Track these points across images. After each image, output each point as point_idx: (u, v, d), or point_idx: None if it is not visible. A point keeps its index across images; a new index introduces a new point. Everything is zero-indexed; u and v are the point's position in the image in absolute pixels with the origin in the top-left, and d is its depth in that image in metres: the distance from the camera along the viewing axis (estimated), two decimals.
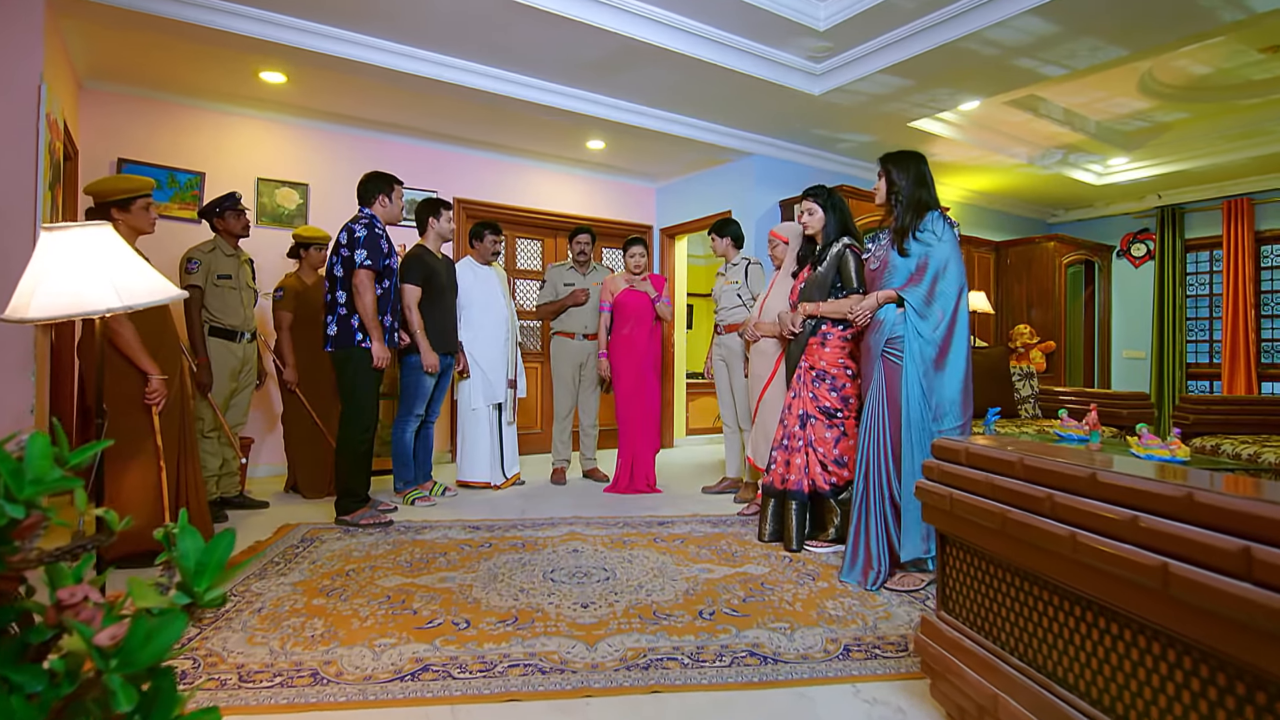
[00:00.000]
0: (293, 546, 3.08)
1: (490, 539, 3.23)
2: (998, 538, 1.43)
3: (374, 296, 3.35)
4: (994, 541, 1.44)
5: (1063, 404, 4.89)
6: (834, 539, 3.06)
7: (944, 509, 1.58)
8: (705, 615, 2.31)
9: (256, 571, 2.73)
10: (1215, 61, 4.70)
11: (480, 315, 4.37)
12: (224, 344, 3.61)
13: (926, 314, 2.49)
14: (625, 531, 3.38)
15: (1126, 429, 4.38)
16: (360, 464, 3.46)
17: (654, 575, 2.71)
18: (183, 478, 2.85)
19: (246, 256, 3.83)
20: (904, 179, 2.61)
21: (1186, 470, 1.24)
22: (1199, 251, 7.20)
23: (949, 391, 2.48)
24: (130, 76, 4.27)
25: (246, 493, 4.07)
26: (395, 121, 5.05)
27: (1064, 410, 3.53)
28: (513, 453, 4.55)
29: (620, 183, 6.54)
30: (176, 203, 4.57)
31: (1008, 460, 1.42)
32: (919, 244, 2.55)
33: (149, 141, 4.51)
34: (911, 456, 2.47)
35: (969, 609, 1.58)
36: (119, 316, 2.60)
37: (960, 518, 1.54)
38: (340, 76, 4.20)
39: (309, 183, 4.99)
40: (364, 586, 2.56)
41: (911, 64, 4.06)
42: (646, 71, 4.24)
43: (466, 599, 2.43)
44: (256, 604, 2.38)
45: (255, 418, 4.75)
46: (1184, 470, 1.24)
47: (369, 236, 3.37)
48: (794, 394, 3.19)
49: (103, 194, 2.70)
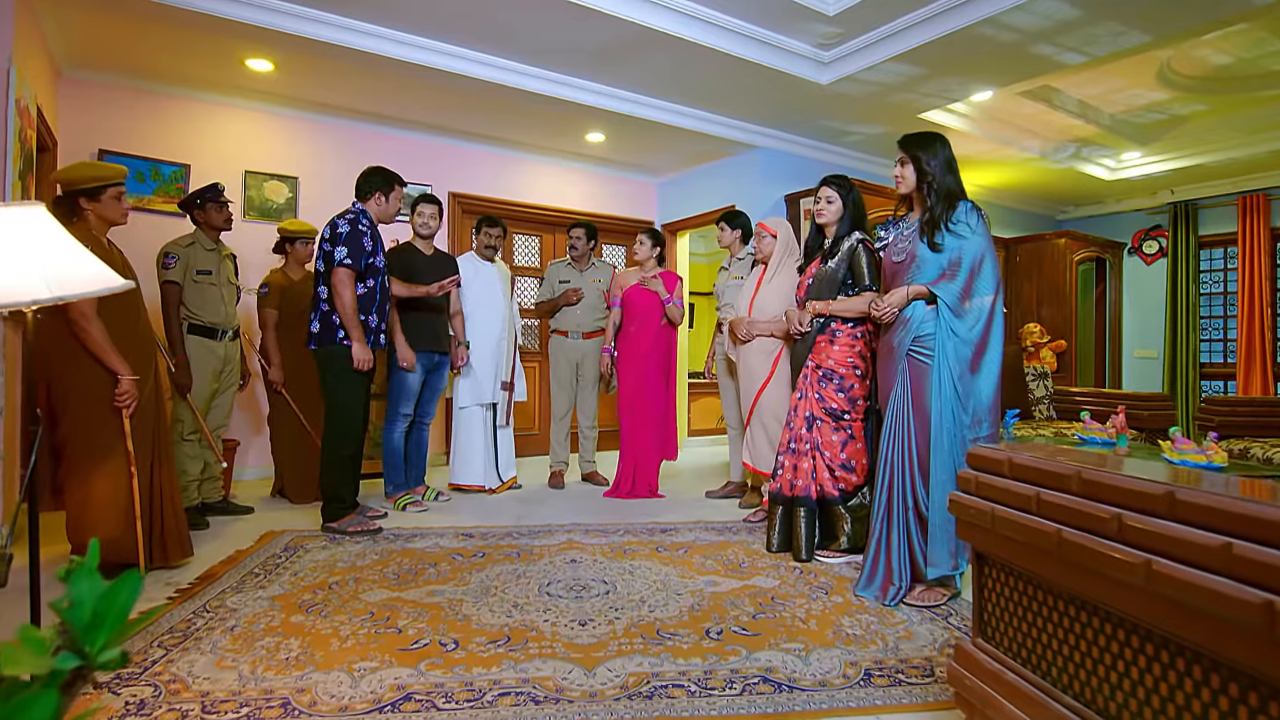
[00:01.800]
0: (274, 556, 2.91)
1: (484, 548, 3.06)
2: (1050, 561, 1.26)
3: (353, 295, 3.18)
4: (1045, 564, 1.28)
5: (1079, 405, 4.73)
6: (846, 549, 2.90)
7: (984, 526, 1.42)
8: (713, 634, 2.14)
9: (234, 584, 2.56)
10: (1236, 51, 4.54)
11: (474, 312, 4.20)
12: (204, 342, 3.44)
13: (963, 312, 2.32)
14: (626, 540, 3.21)
15: (1147, 432, 4.21)
16: (346, 468, 3.30)
17: (657, 588, 2.55)
18: (157, 486, 2.67)
19: (228, 251, 3.66)
20: (934, 165, 2.43)
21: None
22: (1213, 248, 7.04)
23: (985, 395, 2.31)
24: (112, 64, 4.10)
25: (232, 498, 3.92)
26: (388, 113, 4.88)
27: (1086, 412, 3.37)
28: (508, 456, 4.38)
29: (621, 177, 6.37)
30: (160, 196, 4.39)
31: (1061, 473, 1.25)
32: (952, 237, 2.37)
33: (132, 132, 4.34)
34: (941, 465, 2.30)
35: (1012, 638, 1.42)
36: (86, 313, 2.43)
37: (1003, 536, 1.37)
38: (330, 64, 4.03)
39: (298, 176, 4.82)
40: (347, 601, 2.40)
41: (924, 51, 3.88)
42: (648, 59, 4.07)
43: (456, 615, 2.27)
44: (230, 621, 2.21)
45: (243, 419, 4.59)
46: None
47: (351, 233, 3.20)
48: (800, 394, 3.03)
49: (70, 182, 2.53)
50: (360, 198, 3.39)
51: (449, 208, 5.39)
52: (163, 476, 2.69)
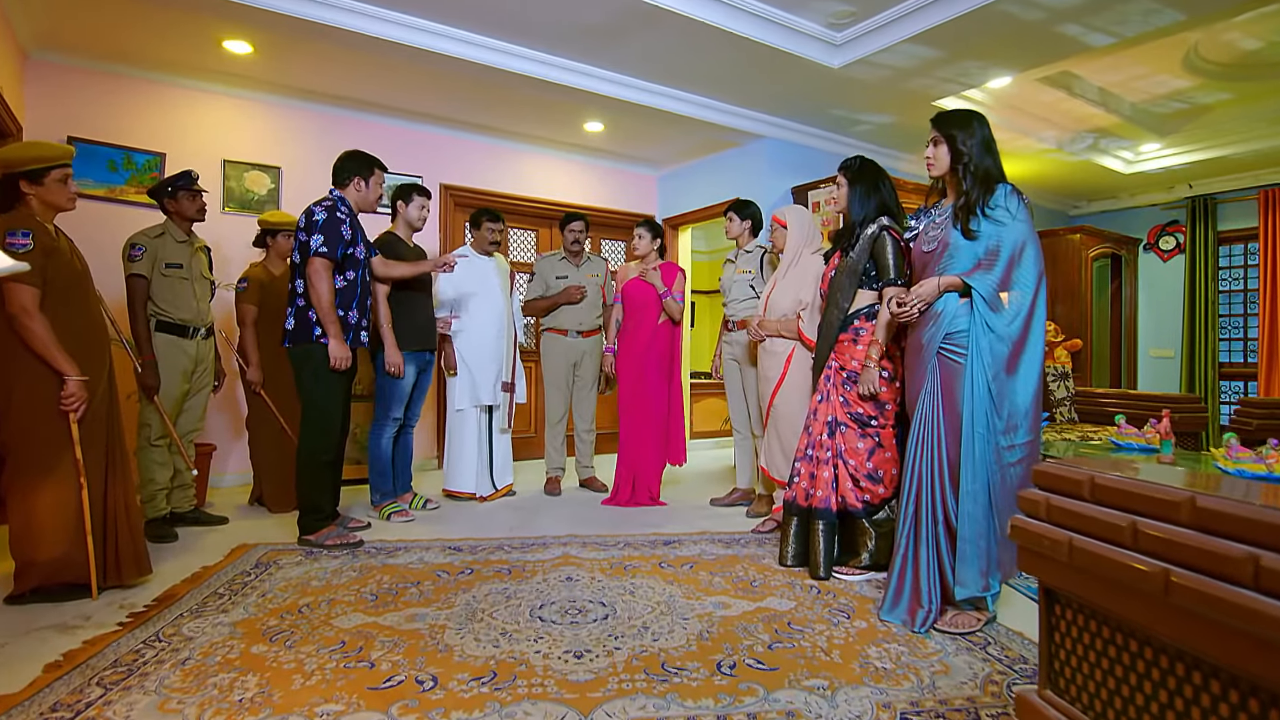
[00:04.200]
0: (244, 574, 2.67)
1: (472, 563, 2.82)
2: (1151, 606, 1.02)
3: (330, 288, 2.94)
4: (1145, 610, 1.04)
5: (1102, 406, 4.50)
6: (867, 565, 2.66)
7: (1058, 558, 1.18)
8: (725, 669, 1.90)
9: (194, 607, 2.32)
10: (1268, 35, 4.31)
11: (471, 308, 3.95)
12: (173, 340, 3.19)
13: (1000, 306, 2.08)
14: (626, 554, 2.97)
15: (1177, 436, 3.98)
16: (324, 476, 3.06)
17: (661, 611, 2.31)
18: (111, 498, 2.43)
19: (202, 243, 3.41)
20: (971, 144, 2.19)
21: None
22: (1232, 244, 6.80)
23: (1022, 399, 2.07)
24: (82, 46, 3.85)
25: (207, 506, 3.68)
26: (376, 100, 4.64)
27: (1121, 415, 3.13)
28: (505, 462, 4.14)
29: (620, 170, 6.13)
30: (133, 186, 4.15)
31: (1167, 499, 1.02)
32: (990, 223, 2.13)
33: (104, 118, 4.10)
34: (973, 474, 2.06)
35: (1093, 693, 1.18)
36: (27, 307, 2.19)
37: (1084, 572, 1.14)
38: (310, 46, 3.79)
39: (281, 166, 4.57)
40: (317, 627, 2.16)
41: (943, 30, 3.64)
42: (649, 39, 3.83)
43: (437, 646, 2.03)
44: (184, 652, 1.97)
45: (222, 422, 4.35)
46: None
47: (328, 221, 2.96)
48: (821, 397, 2.78)
49: (8, 163, 2.28)
50: (338, 184, 3.15)
51: (441, 200, 5.15)
52: (117, 487, 2.45)
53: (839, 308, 2.75)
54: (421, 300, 3.65)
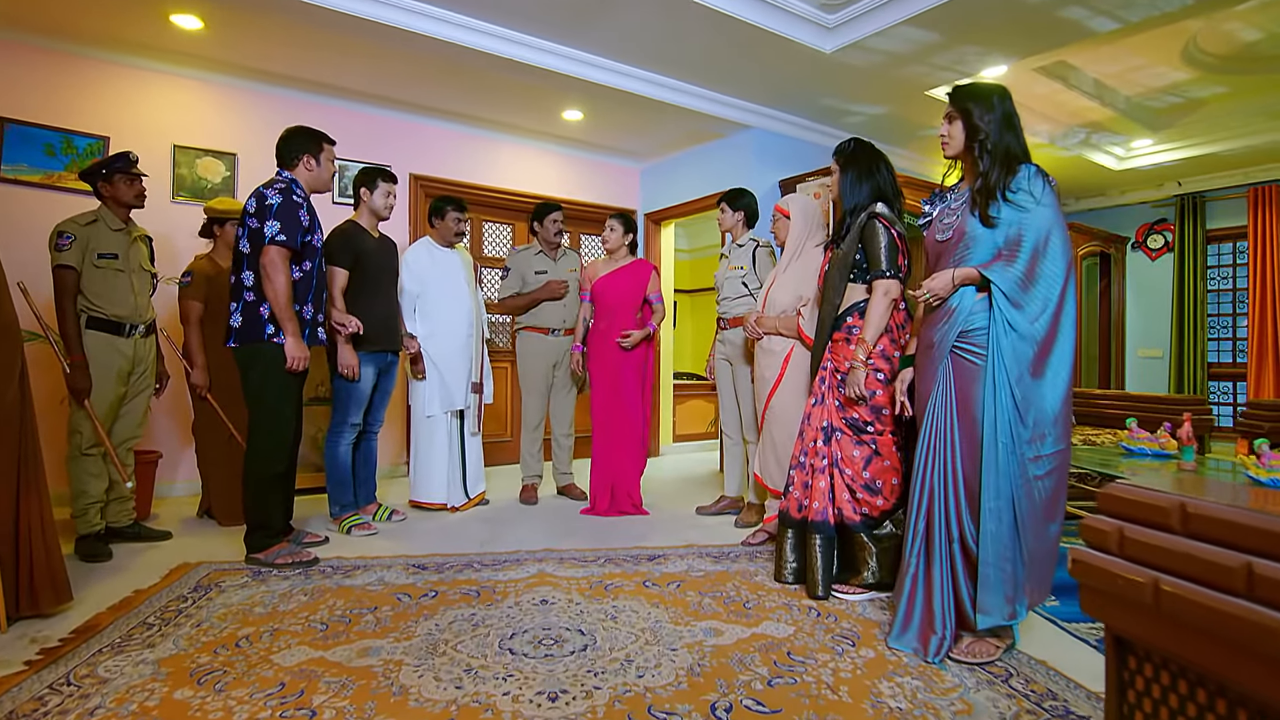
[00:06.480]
0: (180, 599, 2.39)
1: (437, 584, 2.56)
2: (1272, 672, 0.81)
3: (288, 280, 2.66)
4: (1261, 676, 0.82)
5: (1099, 408, 4.34)
6: (870, 584, 2.44)
7: (1140, 602, 0.96)
8: (720, 712, 1.67)
9: (116, 641, 2.04)
10: (1269, 25, 4.19)
11: (438, 306, 3.68)
12: (107, 339, 2.89)
13: (1023, 301, 1.86)
14: (607, 571, 2.73)
15: None
16: (274, 489, 2.78)
17: (646, 641, 2.07)
18: (23, 516, 2.14)
19: (141, 232, 3.12)
20: (989, 120, 1.97)
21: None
22: (1221, 243, 6.72)
23: (1050, 405, 1.85)
24: (18, 20, 3.53)
25: (150, 519, 3.39)
26: (340, 83, 4.35)
27: (1133, 419, 2.96)
28: (477, 469, 3.88)
29: (601, 161, 5.88)
30: (73, 172, 3.81)
31: None
32: (1011, 208, 1.92)
33: (43, 99, 3.77)
34: (996, 489, 1.85)
35: None
36: None
37: (1175, 622, 0.92)
38: (268, 22, 3.49)
39: (236, 152, 4.26)
40: (254, 665, 1.89)
41: (941, 12, 3.45)
42: (631, 18, 3.59)
43: (390, 687, 1.77)
44: (94, 699, 1.70)
45: (170, 428, 4.03)
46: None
47: (284, 205, 2.68)
48: (815, 400, 2.57)
49: None
50: (285, 164, 2.85)
51: (410, 191, 4.87)
52: (30, 504, 2.15)
53: (831, 304, 2.54)
54: (381, 295, 3.37)
